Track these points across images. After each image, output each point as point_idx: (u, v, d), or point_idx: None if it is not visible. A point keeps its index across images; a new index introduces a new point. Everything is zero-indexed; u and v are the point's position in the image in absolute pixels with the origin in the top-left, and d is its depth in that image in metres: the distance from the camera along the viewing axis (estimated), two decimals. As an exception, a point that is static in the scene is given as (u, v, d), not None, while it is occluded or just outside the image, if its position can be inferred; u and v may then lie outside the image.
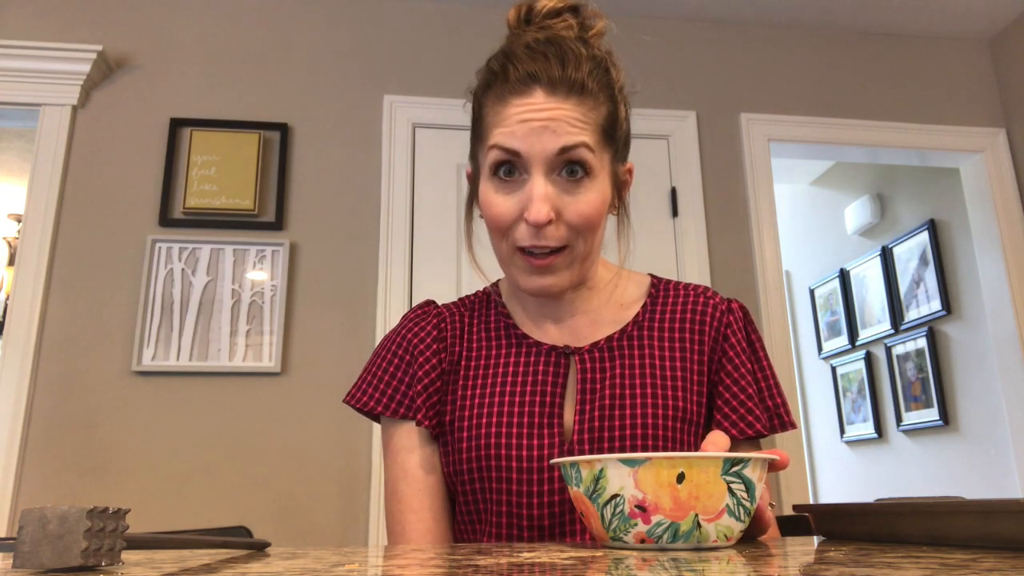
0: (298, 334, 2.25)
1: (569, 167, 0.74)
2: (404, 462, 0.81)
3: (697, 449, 0.80)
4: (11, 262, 3.91)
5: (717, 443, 0.61)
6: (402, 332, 0.86)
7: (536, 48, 0.75)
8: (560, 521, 0.75)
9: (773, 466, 0.55)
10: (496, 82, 0.77)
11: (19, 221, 3.67)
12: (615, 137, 0.79)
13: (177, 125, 2.37)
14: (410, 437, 0.81)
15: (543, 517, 0.74)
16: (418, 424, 0.80)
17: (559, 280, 0.77)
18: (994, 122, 2.83)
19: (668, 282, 0.89)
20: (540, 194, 0.73)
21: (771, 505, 0.60)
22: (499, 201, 0.76)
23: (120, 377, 2.15)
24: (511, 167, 0.75)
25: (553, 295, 0.79)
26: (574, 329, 0.84)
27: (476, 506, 0.78)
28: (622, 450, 0.76)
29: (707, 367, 0.82)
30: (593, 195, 0.75)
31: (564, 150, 0.73)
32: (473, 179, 0.85)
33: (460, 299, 0.91)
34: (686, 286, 0.88)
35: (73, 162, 2.30)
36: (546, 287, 0.77)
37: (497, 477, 0.76)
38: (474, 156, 0.83)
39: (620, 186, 0.83)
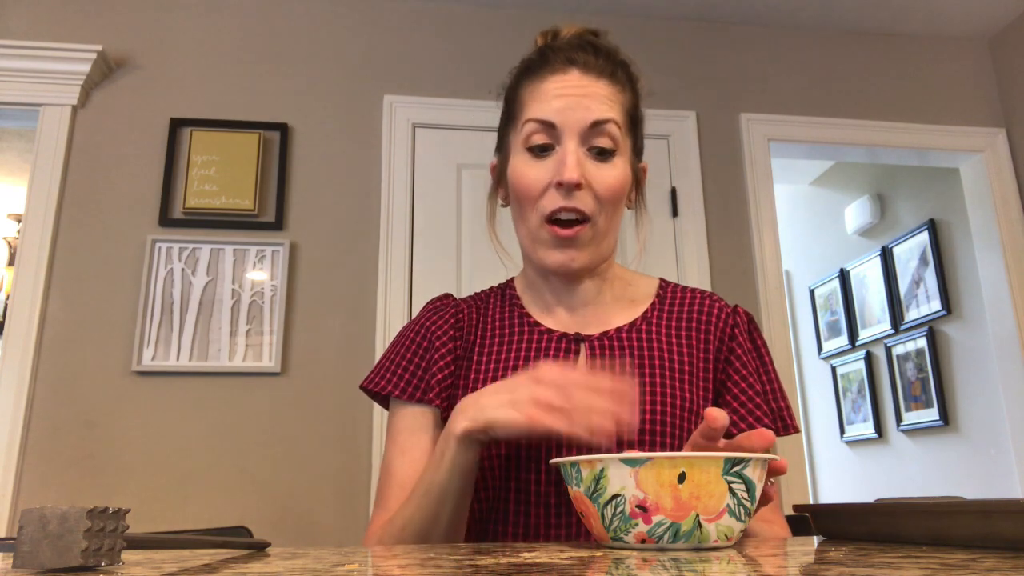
0: (298, 334, 2.25)
1: (597, 146, 0.79)
2: (404, 442, 0.83)
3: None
4: (11, 262, 3.91)
5: (763, 435, 0.58)
6: (421, 321, 0.89)
7: (572, 41, 0.83)
8: (567, 499, 0.76)
9: (772, 470, 0.56)
10: (534, 66, 0.83)
11: (19, 221, 3.67)
12: (637, 128, 0.85)
13: (177, 125, 2.37)
14: (415, 419, 0.83)
15: (550, 495, 0.76)
16: (429, 403, 0.82)
17: (580, 256, 0.80)
18: (994, 122, 2.83)
19: (676, 285, 0.92)
20: (573, 157, 0.77)
21: (770, 483, 0.59)
22: (530, 171, 0.80)
23: (120, 377, 2.15)
24: (544, 146, 0.79)
25: (573, 272, 0.81)
26: (585, 318, 0.86)
27: (483, 483, 0.79)
28: (629, 437, 0.77)
29: (712, 366, 0.84)
30: (619, 171, 0.80)
31: (596, 123, 0.78)
32: (498, 171, 0.89)
33: (475, 294, 0.94)
34: (693, 290, 0.91)
35: (73, 162, 2.30)
36: (568, 261, 0.80)
37: (506, 455, 0.77)
38: (502, 144, 0.88)
39: (638, 176, 0.87)
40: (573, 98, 0.78)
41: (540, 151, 0.80)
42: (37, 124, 2.30)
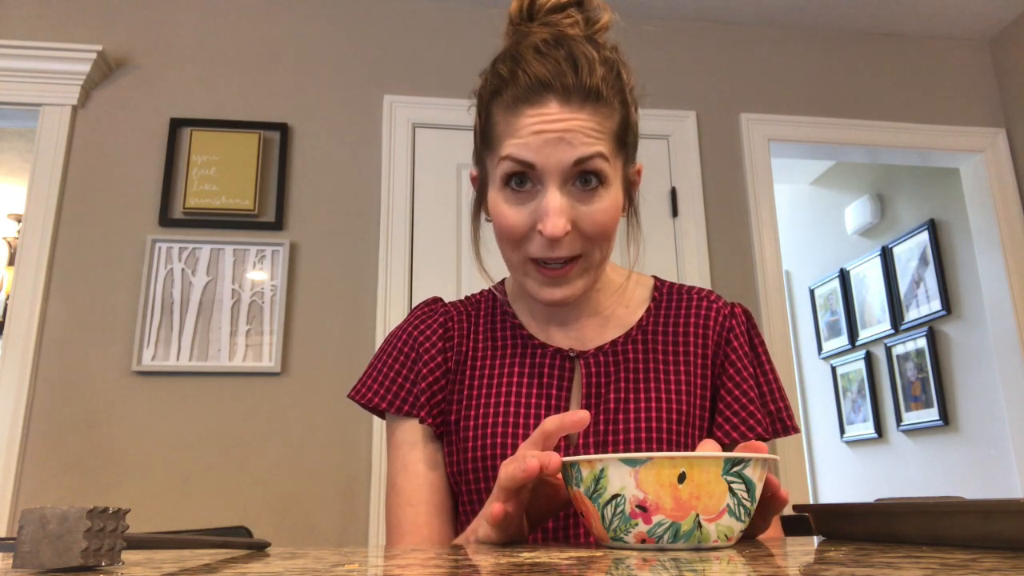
0: (298, 334, 2.25)
1: (583, 177, 0.72)
2: (405, 456, 0.81)
3: None
4: (11, 262, 3.91)
5: (708, 450, 0.61)
6: (408, 329, 0.86)
7: (545, 52, 0.72)
8: (564, 525, 0.75)
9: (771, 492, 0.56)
10: (506, 89, 0.73)
11: (19, 221, 3.67)
12: (627, 143, 0.77)
13: (177, 125, 2.37)
14: (413, 432, 0.82)
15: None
16: (421, 421, 0.80)
17: (574, 290, 0.76)
18: (994, 122, 2.83)
19: (672, 285, 0.89)
20: (556, 208, 0.71)
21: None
22: (511, 212, 0.74)
23: (120, 377, 2.15)
24: (523, 178, 0.73)
25: (567, 305, 0.78)
26: (580, 333, 0.84)
27: (480, 503, 0.78)
28: (627, 452, 0.76)
29: (710, 371, 0.82)
30: (608, 203, 0.73)
31: (580, 161, 0.71)
32: (480, 184, 0.82)
33: (467, 297, 0.91)
34: (689, 289, 0.88)
35: (73, 162, 2.30)
36: (561, 299, 0.76)
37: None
38: (481, 162, 0.80)
39: (630, 187, 0.82)
40: (553, 135, 0.70)
41: (519, 186, 0.73)
42: (37, 124, 2.30)
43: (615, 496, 0.48)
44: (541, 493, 0.58)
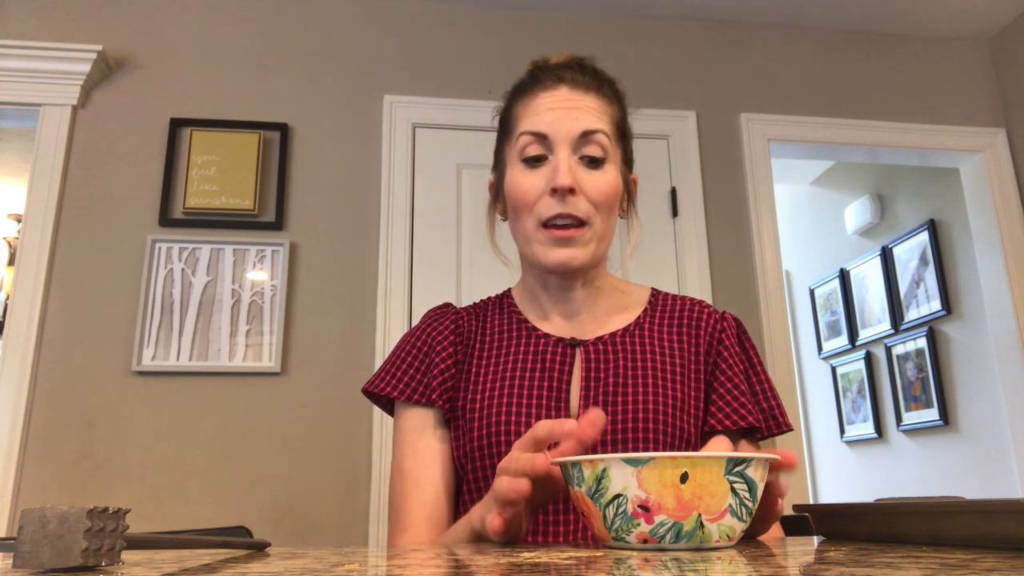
0: (298, 334, 2.25)
1: (588, 155, 0.83)
2: (414, 442, 0.86)
3: (698, 440, 0.84)
4: (11, 262, 3.91)
5: (719, 448, 0.62)
6: (422, 327, 0.93)
7: (561, 62, 0.89)
8: (568, 499, 0.77)
9: (781, 466, 0.55)
10: (526, 86, 0.89)
11: (19, 221, 3.67)
12: (625, 137, 0.90)
13: (177, 125, 2.36)
14: (422, 419, 0.86)
15: None
16: (432, 404, 0.85)
17: (579, 253, 0.83)
18: (994, 122, 2.83)
19: (667, 294, 0.96)
20: (565, 164, 0.81)
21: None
22: (526, 179, 0.84)
23: (120, 377, 2.15)
24: (538, 156, 0.84)
25: (573, 270, 0.84)
26: (581, 325, 0.90)
27: (485, 483, 0.81)
28: (624, 435, 0.79)
29: (703, 368, 0.87)
30: (610, 176, 0.84)
31: (586, 133, 0.83)
32: (496, 189, 0.93)
33: (473, 304, 0.98)
34: (683, 298, 0.95)
35: (73, 162, 2.30)
36: (567, 259, 0.83)
37: (504, 455, 0.77)
38: (499, 160, 0.92)
39: (628, 192, 0.91)
40: (563, 110, 0.83)
41: (534, 161, 0.84)
42: (37, 124, 2.30)
43: (617, 496, 0.48)
44: (537, 484, 0.60)
